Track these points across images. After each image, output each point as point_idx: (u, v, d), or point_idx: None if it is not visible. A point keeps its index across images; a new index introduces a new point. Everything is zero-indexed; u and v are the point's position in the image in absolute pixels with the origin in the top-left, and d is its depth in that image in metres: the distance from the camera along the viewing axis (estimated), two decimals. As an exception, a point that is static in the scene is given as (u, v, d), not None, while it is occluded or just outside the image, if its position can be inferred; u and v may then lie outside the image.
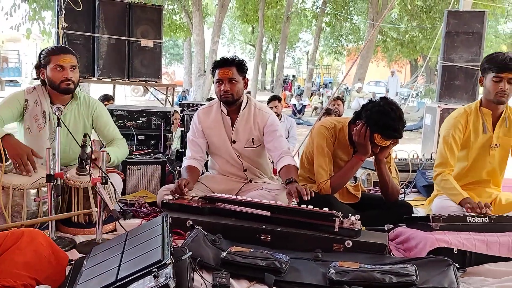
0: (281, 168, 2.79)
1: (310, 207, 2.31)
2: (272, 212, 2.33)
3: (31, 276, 1.62)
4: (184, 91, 17.94)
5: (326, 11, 19.30)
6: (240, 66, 2.83)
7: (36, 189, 2.27)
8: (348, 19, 20.23)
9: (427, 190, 3.46)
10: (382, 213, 2.68)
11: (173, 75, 25.43)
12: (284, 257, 1.98)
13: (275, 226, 2.27)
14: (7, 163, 2.26)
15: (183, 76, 23.04)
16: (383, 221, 2.58)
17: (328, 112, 4.94)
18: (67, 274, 1.77)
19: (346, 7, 19.41)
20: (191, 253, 1.65)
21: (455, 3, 7.51)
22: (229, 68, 2.79)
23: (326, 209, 2.28)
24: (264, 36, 22.08)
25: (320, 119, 4.80)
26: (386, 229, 2.52)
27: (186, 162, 2.94)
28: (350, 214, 2.25)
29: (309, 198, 2.42)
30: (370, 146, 2.55)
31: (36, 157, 2.41)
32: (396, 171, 2.97)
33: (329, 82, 27.22)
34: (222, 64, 2.82)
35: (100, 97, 5.40)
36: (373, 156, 2.68)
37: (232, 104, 2.86)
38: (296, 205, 2.38)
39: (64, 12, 4.33)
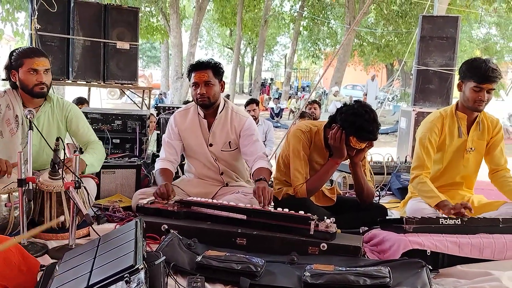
0: (254, 171, 2.80)
1: (286, 210, 2.32)
2: (248, 215, 2.33)
3: (1, 284, 1.58)
4: (161, 94, 17.82)
5: (303, 15, 19.48)
6: (216, 69, 2.82)
7: (7, 194, 2.21)
8: (326, 23, 20.46)
9: (402, 192, 3.51)
10: (357, 215, 2.71)
11: (150, 78, 25.20)
12: (259, 261, 1.98)
13: (251, 229, 2.27)
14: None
15: (160, 78, 22.89)
16: (358, 224, 2.61)
17: (302, 116, 4.97)
18: (38, 280, 1.74)
19: (323, 11, 19.63)
20: (164, 257, 1.63)
21: (430, 8, 7.67)
22: (205, 71, 2.78)
23: (301, 212, 2.29)
24: (242, 39, 22.14)
25: (295, 123, 4.84)
26: (361, 231, 2.55)
27: (159, 164, 2.91)
28: (325, 217, 2.27)
29: (264, 204, 2.42)
30: (345, 149, 2.58)
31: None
32: (371, 174, 3.01)
33: (307, 86, 27.45)
34: (198, 67, 2.81)
35: (73, 100, 5.31)
36: (349, 159, 2.71)
37: (208, 107, 2.85)
38: (272, 208, 2.38)
39: (37, 13, 4.25)
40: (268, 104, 17.63)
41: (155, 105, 4.23)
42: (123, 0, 11.55)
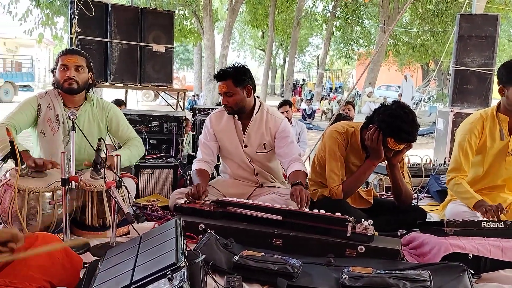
0: (289, 174, 2.79)
1: (322, 211, 2.31)
2: (284, 216, 2.33)
3: (45, 279, 1.63)
4: (194, 96, 18.03)
5: (336, 15, 19.30)
6: (236, 77, 2.79)
7: (51, 192, 2.29)
8: (359, 23, 20.20)
9: (441, 195, 3.44)
10: (395, 218, 2.67)
11: (183, 80, 25.55)
12: (296, 262, 1.98)
13: (287, 230, 2.27)
14: (22, 166, 2.28)
15: (193, 81, 23.19)
16: (396, 227, 2.57)
17: (338, 118, 4.92)
18: (81, 277, 1.79)
19: (357, 11, 19.37)
20: (204, 256, 1.65)
21: (468, 7, 7.46)
22: (225, 82, 2.79)
23: (338, 214, 2.27)
24: (274, 41, 22.13)
25: (329, 125, 4.79)
26: (399, 234, 2.50)
27: (196, 164, 2.95)
28: (362, 219, 2.24)
29: (301, 206, 2.41)
30: (383, 151, 2.54)
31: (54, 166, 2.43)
32: (409, 176, 2.95)
33: (339, 87, 27.16)
34: (218, 78, 2.83)
35: (111, 102, 5.44)
36: (386, 161, 2.67)
37: (235, 114, 2.87)
38: (308, 210, 2.38)
39: (77, 17, 4.39)
40: (300, 105, 17.55)
41: (191, 107, 4.28)
42: (158, 4, 11.78)
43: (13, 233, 1.53)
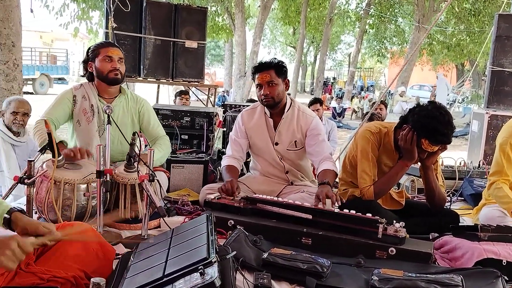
0: (319, 172, 2.77)
1: (353, 212, 2.29)
2: (314, 215, 2.32)
3: (80, 268, 1.67)
4: (224, 92, 18.13)
5: (370, 13, 19.01)
6: (279, 68, 2.83)
7: (86, 184, 2.35)
8: (393, 21, 19.84)
9: (474, 199, 3.34)
10: (427, 221, 2.61)
11: (213, 76, 25.72)
12: (325, 261, 1.97)
13: (316, 229, 2.26)
14: (59, 158, 2.35)
15: (223, 77, 23.30)
16: (427, 229, 2.52)
17: (371, 118, 4.85)
18: (114, 267, 1.83)
19: (391, 9, 19.04)
20: (235, 252, 1.66)
21: (506, 6, 7.22)
22: (268, 71, 2.80)
23: (369, 214, 2.24)
24: (305, 38, 22.00)
25: (361, 125, 4.73)
26: (430, 237, 2.46)
27: (226, 161, 2.97)
28: (394, 221, 2.21)
29: (336, 205, 2.37)
30: (416, 152, 2.49)
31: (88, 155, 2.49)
32: (443, 179, 2.89)
33: (371, 85, 26.76)
34: (261, 68, 2.84)
35: (177, 92, 5.63)
36: (419, 162, 2.62)
37: (273, 107, 2.87)
38: (338, 210, 2.36)
39: (113, 13, 4.47)
40: (330, 103, 17.40)
41: (222, 103, 4.30)
42: (192, 0, 11.88)
43: (50, 230, 1.61)
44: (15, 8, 4.60)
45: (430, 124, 2.39)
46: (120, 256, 1.93)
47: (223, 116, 3.99)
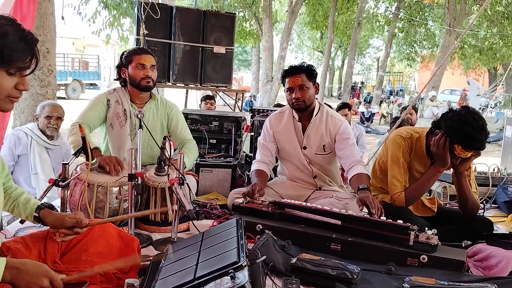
0: (352, 176, 2.74)
1: (383, 218, 2.25)
2: (343, 221, 2.30)
3: (105, 263, 1.71)
4: (251, 97, 18.19)
5: (399, 16, 18.75)
6: (309, 72, 2.83)
7: (118, 187, 2.40)
8: (423, 25, 19.51)
9: (509, 206, 3.25)
10: (460, 228, 2.55)
11: (240, 81, 25.86)
12: (355, 268, 1.94)
13: (345, 235, 2.24)
14: (93, 161, 2.41)
15: (250, 81, 23.41)
16: (460, 237, 2.45)
17: (402, 123, 4.77)
18: (146, 268, 1.86)
19: (421, 12, 18.72)
20: (265, 257, 1.66)
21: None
22: (299, 75, 2.80)
23: (400, 221, 2.21)
24: (333, 42, 21.87)
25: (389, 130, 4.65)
26: (463, 245, 2.39)
27: (255, 165, 2.98)
28: (426, 228, 2.17)
29: (378, 215, 2.35)
30: (449, 158, 2.44)
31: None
32: (476, 185, 2.81)
33: (400, 90, 26.32)
34: (292, 72, 2.84)
35: (202, 97, 5.70)
36: (452, 169, 2.56)
37: (304, 110, 2.86)
38: (368, 216, 2.33)
39: (144, 19, 4.55)
40: (358, 108, 17.21)
41: (250, 108, 4.32)
42: (220, 6, 12.00)
43: (78, 219, 1.71)
44: (49, 16, 4.75)
45: (464, 130, 2.33)
46: (151, 258, 1.96)
47: (250, 121, 4.00)
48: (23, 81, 1.43)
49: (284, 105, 3.18)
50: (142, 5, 4.48)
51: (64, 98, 18.79)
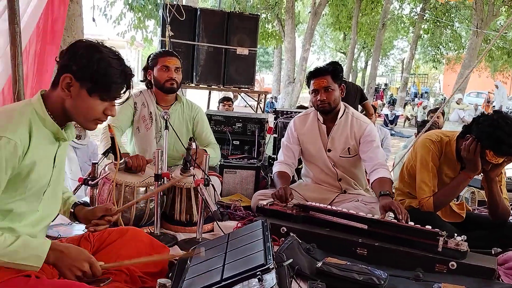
0: (374, 180, 2.70)
1: (411, 223, 2.21)
2: (369, 225, 2.26)
3: (133, 265, 1.73)
4: (272, 98, 18.18)
5: (425, 18, 18.46)
6: (335, 73, 2.79)
7: (145, 187, 2.43)
8: (449, 26, 19.15)
9: (541, 213, 3.14)
10: (490, 235, 2.48)
11: (262, 82, 25.87)
12: (382, 273, 1.91)
13: (372, 240, 2.20)
14: (121, 161, 2.43)
15: (271, 83, 23.41)
16: (490, 244, 2.39)
17: (423, 124, 4.68)
18: (168, 266, 1.88)
19: (447, 13, 18.39)
20: (291, 260, 1.65)
21: None
22: (324, 77, 2.77)
23: (428, 227, 2.16)
24: (356, 44, 21.68)
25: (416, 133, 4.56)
26: (493, 252, 2.33)
27: (277, 167, 2.96)
28: (455, 234, 2.12)
29: (405, 220, 2.30)
30: (480, 163, 2.37)
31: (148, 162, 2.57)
32: (506, 191, 2.74)
33: (425, 92, 25.87)
34: (317, 74, 2.81)
35: (220, 99, 5.74)
36: (482, 174, 2.50)
37: (329, 113, 2.83)
38: (395, 220, 2.29)
39: (169, 21, 4.59)
40: (381, 110, 17.01)
41: (274, 109, 4.31)
42: (243, 7, 12.04)
43: (107, 207, 1.78)
44: (77, 18, 4.82)
45: (495, 135, 2.26)
46: (177, 258, 1.97)
47: (274, 123, 3.99)
48: (112, 107, 1.54)
49: (306, 107, 3.15)
50: (168, 7, 4.52)
51: (89, 99, 19.09)
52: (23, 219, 1.53)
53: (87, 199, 2.36)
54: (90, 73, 1.46)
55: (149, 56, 2.94)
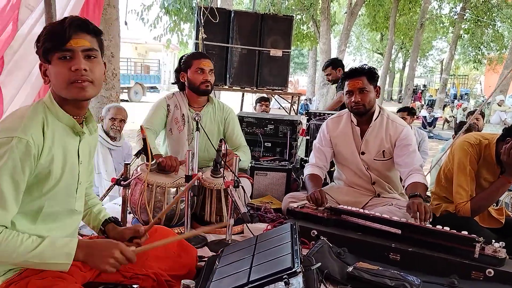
0: (408, 184, 2.63)
1: (447, 228, 2.14)
2: (403, 230, 2.20)
3: (160, 268, 1.75)
4: (307, 100, 18.06)
5: (465, 17, 17.89)
6: (370, 74, 2.74)
7: (176, 188, 2.45)
8: (490, 25, 18.48)
9: None
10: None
11: (296, 84, 25.76)
12: (415, 279, 1.86)
13: (405, 245, 2.14)
14: (152, 162, 2.48)
15: (306, 84, 23.26)
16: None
17: (469, 130, 4.53)
18: (196, 268, 1.88)
19: (488, 13, 17.75)
20: (319, 264, 1.62)
21: None
22: (359, 78, 2.72)
23: (465, 232, 2.08)
24: (394, 44, 21.27)
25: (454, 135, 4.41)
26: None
27: (309, 169, 2.93)
28: (493, 240, 2.03)
29: (424, 220, 2.23)
30: None
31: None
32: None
33: (465, 93, 25.06)
34: (352, 74, 2.76)
35: (257, 99, 5.77)
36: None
37: (363, 114, 2.78)
38: (430, 225, 2.22)
39: (203, 24, 4.64)
40: (420, 112, 16.58)
41: (307, 111, 4.28)
42: (277, 9, 12.04)
43: (135, 229, 1.73)
44: (114, 21, 4.95)
45: None
46: (206, 258, 1.98)
47: (306, 125, 3.96)
48: (72, 61, 1.45)
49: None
50: (202, 10, 4.57)
51: (126, 101, 19.60)
52: (57, 220, 1.55)
53: (119, 200, 2.40)
54: (40, 46, 1.44)
55: (181, 58, 2.96)
